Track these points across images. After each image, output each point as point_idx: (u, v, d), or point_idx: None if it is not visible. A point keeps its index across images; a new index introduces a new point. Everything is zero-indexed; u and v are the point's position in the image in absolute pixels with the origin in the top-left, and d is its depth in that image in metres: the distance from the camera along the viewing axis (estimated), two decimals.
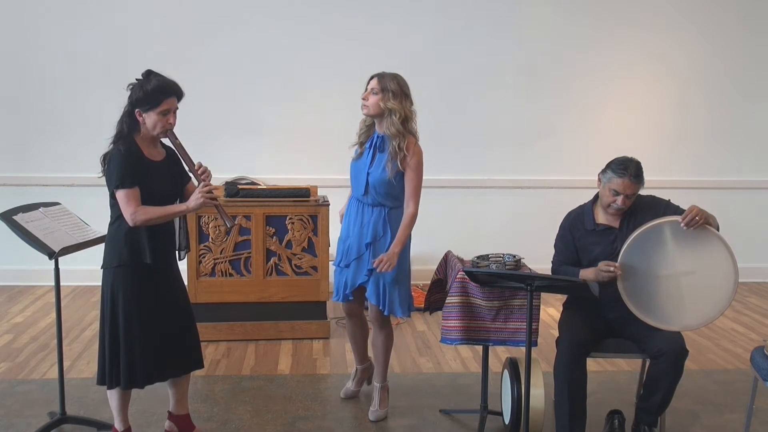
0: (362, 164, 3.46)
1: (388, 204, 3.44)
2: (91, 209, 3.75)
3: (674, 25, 6.25)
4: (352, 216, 3.51)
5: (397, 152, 3.33)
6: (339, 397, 3.84)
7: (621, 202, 3.21)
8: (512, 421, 3.32)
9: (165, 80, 2.92)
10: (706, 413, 3.72)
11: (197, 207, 2.95)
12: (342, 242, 3.56)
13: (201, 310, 4.61)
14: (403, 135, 3.35)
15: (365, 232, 3.45)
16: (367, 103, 3.38)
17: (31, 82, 5.92)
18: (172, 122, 2.94)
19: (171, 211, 2.95)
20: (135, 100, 2.88)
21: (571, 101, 6.25)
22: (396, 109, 3.33)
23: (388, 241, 3.41)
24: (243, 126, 6.03)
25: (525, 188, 6.29)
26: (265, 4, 5.95)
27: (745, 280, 6.29)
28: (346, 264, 3.51)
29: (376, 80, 3.37)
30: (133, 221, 2.86)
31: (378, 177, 3.39)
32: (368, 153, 3.45)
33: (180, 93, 2.95)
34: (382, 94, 3.34)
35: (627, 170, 3.17)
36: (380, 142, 3.42)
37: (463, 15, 6.08)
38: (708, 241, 3.10)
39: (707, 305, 3.11)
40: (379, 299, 3.45)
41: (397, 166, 3.34)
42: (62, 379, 3.42)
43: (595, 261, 3.23)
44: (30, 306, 5.48)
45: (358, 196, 3.50)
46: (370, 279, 3.44)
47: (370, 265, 3.37)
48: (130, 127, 2.92)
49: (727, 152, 6.43)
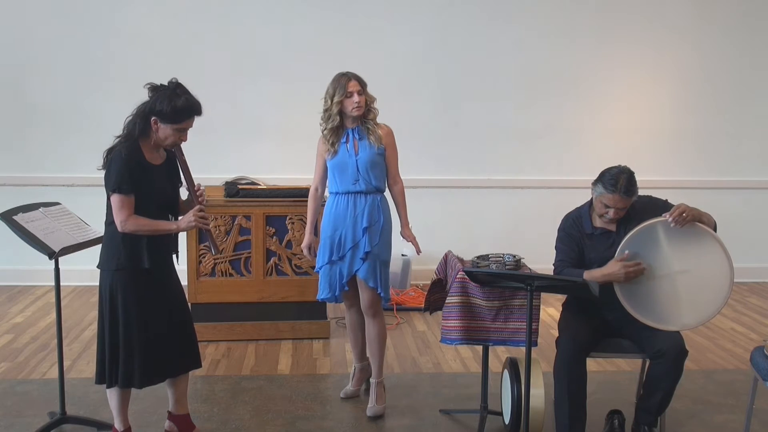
0: (345, 156, 3.58)
1: (378, 186, 3.62)
2: (91, 209, 3.74)
3: (675, 25, 6.24)
4: (341, 210, 3.60)
5: (375, 128, 3.60)
6: (339, 397, 3.84)
7: (613, 215, 3.21)
8: (512, 421, 3.32)
9: (193, 100, 2.91)
10: (706, 413, 3.72)
11: (187, 229, 2.99)
12: (328, 239, 3.62)
13: (201, 310, 4.63)
14: (375, 117, 3.64)
15: (360, 220, 3.56)
16: (362, 103, 3.53)
17: (31, 81, 5.92)
18: (185, 139, 2.95)
19: (160, 227, 2.94)
20: (158, 110, 2.86)
21: (571, 101, 6.25)
22: (371, 98, 3.60)
23: (381, 224, 3.60)
24: (243, 126, 6.03)
25: (525, 188, 6.29)
26: (265, 4, 5.95)
27: (746, 280, 6.31)
28: (340, 256, 3.59)
29: (356, 82, 3.55)
30: (122, 228, 2.87)
31: (367, 159, 3.56)
32: (347, 145, 3.58)
33: (200, 113, 2.95)
34: (365, 91, 3.56)
35: (617, 185, 3.12)
36: (357, 132, 3.60)
37: (463, 14, 6.08)
38: (701, 239, 3.10)
39: (705, 303, 3.12)
40: (377, 281, 3.58)
41: (378, 143, 3.59)
42: (62, 379, 3.42)
43: (593, 264, 3.23)
44: (30, 306, 5.48)
45: (347, 189, 3.59)
46: (365, 263, 3.55)
47: (368, 248, 3.53)
48: (141, 129, 2.91)
49: (728, 152, 6.43)
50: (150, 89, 2.91)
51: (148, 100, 2.90)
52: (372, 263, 3.57)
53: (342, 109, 3.53)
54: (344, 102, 3.51)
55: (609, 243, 3.26)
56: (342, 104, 3.52)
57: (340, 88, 3.51)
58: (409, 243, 3.74)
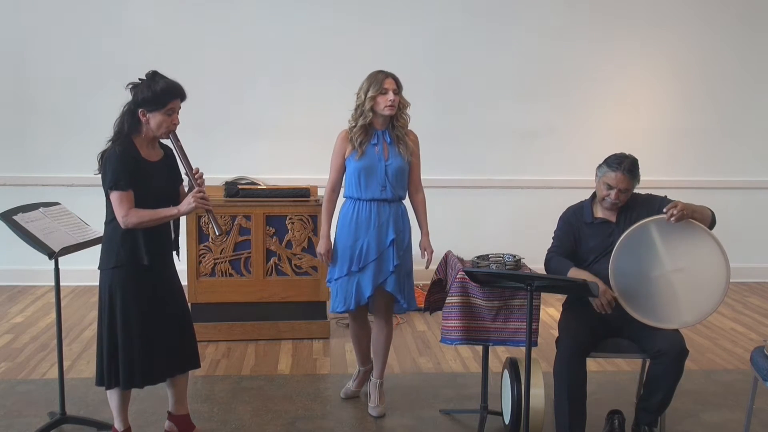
0: (374, 160, 3.47)
1: (402, 195, 3.56)
2: (90, 209, 3.74)
3: (675, 25, 6.25)
4: (363, 218, 3.48)
5: (406, 137, 3.53)
6: (339, 397, 3.84)
7: (614, 196, 3.24)
8: (512, 421, 3.32)
9: (172, 82, 2.92)
10: (706, 413, 3.72)
11: (189, 211, 2.97)
12: (348, 249, 3.50)
13: (201, 310, 4.63)
14: (407, 125, 3.56)
15: (385, 231, 3.48)
16: (395, 104, 3.43)
17: (31, 81, 5.92)
18: (177, 122, 2.95)
19: (162, 215, 2.94)
20: (141, 99, 2.87)
21: (571, 101, 6.25)
22: (405, 103, 3.52)
23: (406, 234, 3.55)
24: (243, 126, 6.04)
25: (525, 188, 6.29)
26: (265, 4, 5.95)
27: (745, 280, 6.31)
28: (361, 267, 3.48)
29: (394, 81, 3.45)
30: (125, 224, 2.86)
31: (397, 166, 3.49)
32: (377, 149, 3.48)
33: (184, 95, 2.95)
34: (400, 92, 3.48)
35: (621, 165, 3.22)
36: (387, 136, 3.51)
37: (463, 14, 6.08)
38: (695, 236, 3.11)
39: (703, 299, 3.12)
40: (403, 293, 3.54)
41: (409, 155, 3.53)
42: (62, 379, 3.42)
43: (591, 252, 3.28)
44: (30, 306, 5.48)
45: (373, 196, 3.47)
46: (392, 275, 3.48)
47: (397, 260, 3.47)
48: (131, 126, 2.92)
49: (728, 152, 6.43)
50: (131, 87, 2.92)
51: (131, 97, 2.92)
52: (399, 276, 3.50)
53: (374, 106, 3.41)
54: (378, 99, 3.40)
55: (608, 233, 3.29)
56: (375, 101, 3.40)
57: (376, 83, 3.40)
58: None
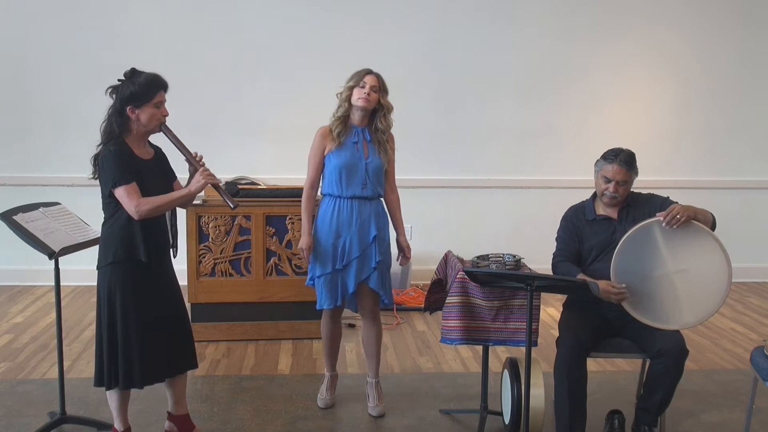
0: (355, 158, 3.50)
1: (381, 192, 3.59)
2: (90, 209, 3.73)
3: (676, 25, 6.25)
4: (344, 216, 3.50)
5: (387, 144, 3.56)
6: (339, 397, 3.84)
7: (613, 189, 3.26)
8: (512, 421, 3.32)
9: (152, 74, 2.94)
10: (706, 413, 3.72)
11: (199, 189, 2.97)
12: (330, 246, 3.51)
13: (201, 310, 4.63)
14: (389, 129, 3.59)
15: (367, 228, 3.51)
16: (371, 99, 3.46)
17: (31, 82, 5.92)
18: (166, 113, 2.95)
19: (174, 197, 2.94)
20: (128, 96, 2.87)
21: (571, 101, 6.26)
22: (389, 106, 3.54)
23: (386, 231, 3.59)
24: (243, 126, 6.04)
25: (525, 188, 6.29)
26: (265, 5, 5.95)
27: (746, 280, 6.31)
28: (345, 264, 3.51)
29: (375, 78, 3.48)
30: (138, 213, 2.84)
31: (377, 165, 3.52)
32: (357, 146, 3.51)
33: (167, 85, 2.96)
34: (381, 91, 3.50)
35: (617, 157, 3.26)
36: (368, 134, 3.54)
37: (463, 14, 6.08)
38: (697, 237, 3.10)
39: (704, 301, 3.12)
40: (385, 289, 3.58)
41: (386, 156, 3.56)
42: (62, 379, 3.42)
43: (593, 250, 3.29)
44: (30, 306, 5.48)
45: (354, 193, 3.50)
46: (375, 272, 3.51)
47: (379, 257, 3.50)
48: (121, 126, 2.92)
49: (727, 152, 6.43)
50: (112, 90, 2.93)
51: (116, 98, 2.92)
52: (380, 272, 3.54)
53: (350, 97, 3.46)
54: (354, 90, 3.45)
55: (610, 230, 3.30)
56: (351, 92, 3.45)
57: (357, 76, 3.46)
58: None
